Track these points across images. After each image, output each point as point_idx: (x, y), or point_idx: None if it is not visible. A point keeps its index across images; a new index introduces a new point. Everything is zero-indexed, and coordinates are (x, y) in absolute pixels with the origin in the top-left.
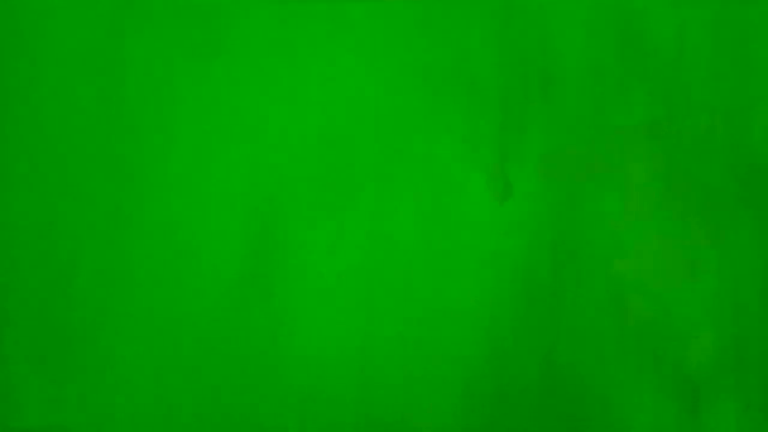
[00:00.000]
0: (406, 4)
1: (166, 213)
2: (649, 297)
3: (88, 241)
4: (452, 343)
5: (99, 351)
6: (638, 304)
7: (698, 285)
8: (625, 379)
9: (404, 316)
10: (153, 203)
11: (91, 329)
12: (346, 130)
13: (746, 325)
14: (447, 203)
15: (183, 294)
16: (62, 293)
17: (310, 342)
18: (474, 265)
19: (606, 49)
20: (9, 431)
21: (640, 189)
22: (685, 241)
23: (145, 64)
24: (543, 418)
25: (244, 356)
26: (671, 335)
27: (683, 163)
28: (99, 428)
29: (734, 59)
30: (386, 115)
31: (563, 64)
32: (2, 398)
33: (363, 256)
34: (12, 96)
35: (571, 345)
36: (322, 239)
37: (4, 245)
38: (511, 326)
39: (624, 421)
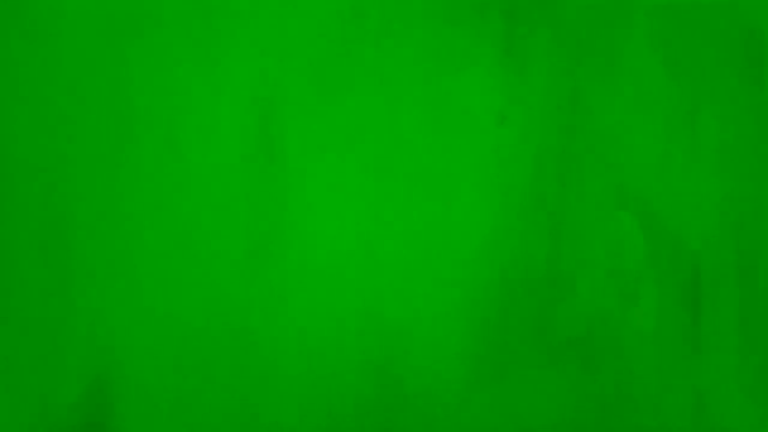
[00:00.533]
0: None
1: (163, 201)
2: (653, 206)
3: (86, 219)
4: (457, 277)
5: (98, 345)
6: (642, 215)
7: (703, 193)
8: (625, 290)
9: (407, 245)
10: (150, 186)
11: (89, 319)
12: (342, 57)
13: (749, 233)
14: (449, 126)
15: (184, 287)
16: (61, 280)
17: (311, 297)
18: (478, 189)
19: None
20: (10, 431)
21: (642, 83)
22: (689, 133)
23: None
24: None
25: (242, 342)
26: (674, 242)
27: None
28: (99, 427)
29: None
30: (387, 34)
31: None
32: (4, 398)
33: (363, 189)
34: (15, 94)
35: (571, 269)
36: (321, 186)
37: (4, 244)
38: (514, 246)
39: (626, 327)
